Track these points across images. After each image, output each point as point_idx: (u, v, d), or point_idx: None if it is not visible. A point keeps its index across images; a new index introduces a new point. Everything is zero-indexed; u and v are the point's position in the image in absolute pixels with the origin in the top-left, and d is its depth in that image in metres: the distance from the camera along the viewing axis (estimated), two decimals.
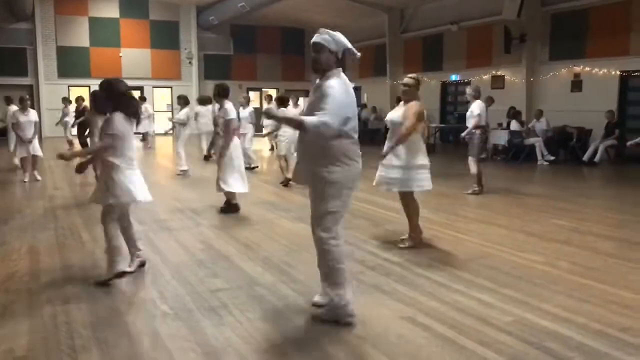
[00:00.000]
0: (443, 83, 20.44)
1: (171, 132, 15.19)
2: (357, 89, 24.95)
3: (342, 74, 3.90)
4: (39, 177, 10.98)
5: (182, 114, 12.47)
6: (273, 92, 22.48)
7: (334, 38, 3.82)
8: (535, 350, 3.45)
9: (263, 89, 26.54)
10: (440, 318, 3.97)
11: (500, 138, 15.26)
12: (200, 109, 14.75)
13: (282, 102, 10.46)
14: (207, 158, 14.46)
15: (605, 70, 14.87)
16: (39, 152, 11.02)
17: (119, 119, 4.62)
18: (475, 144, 9.24)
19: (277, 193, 9.65)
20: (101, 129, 4.71)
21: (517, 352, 3.43)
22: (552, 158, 14.18)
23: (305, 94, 28.11)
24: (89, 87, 22.78)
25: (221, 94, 7.66)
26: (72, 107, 16.82)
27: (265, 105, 15.22)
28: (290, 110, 11.18)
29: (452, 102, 20.89)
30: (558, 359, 3.34)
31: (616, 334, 3.70)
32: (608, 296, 4.43)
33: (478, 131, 9.23)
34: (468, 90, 9.59)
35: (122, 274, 4.74)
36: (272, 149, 16.57)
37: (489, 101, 14.52)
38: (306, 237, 6.41)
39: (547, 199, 9.09)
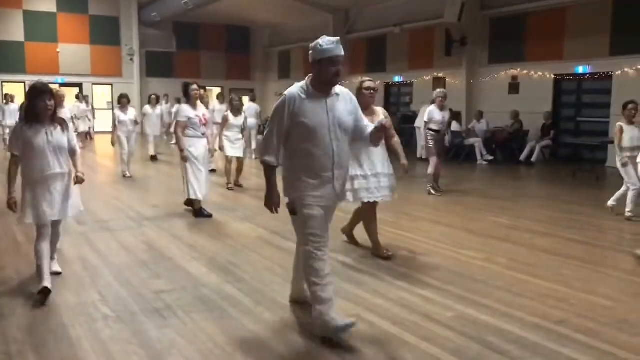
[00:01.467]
0: (387, 84, 20.72)
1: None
2: None
3: None
4: None
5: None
6: (217, 91, 22.18)
7: None
8: (475, 345, 3.56)
9: (207, 87, 26.20)
10: (384, 315, 4.03)
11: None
12: (148, 109, 14.44)
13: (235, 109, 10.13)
14: (154, 159, 14.22)
15: (541, 74, 15.45)
16: None
17: None
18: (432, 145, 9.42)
19: (222, 193, 9.55)
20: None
21: (458, 346, 3.53)
22: (491, 158, 14.62)
23: (250, 92, 27.97)
24: (24, 83, 21.95)
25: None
26: (14, 106, 16.16)
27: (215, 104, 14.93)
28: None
29: (395, 104, 21.22)
30: (497, 352, 3.45)
31: (551, 326, 3.85)
32: (544, 290, 4.62)
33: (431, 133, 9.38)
34: (442, 93, 9.48)
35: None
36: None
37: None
38: (252, 237, 6.42)
39: (487, 197, 9.37)
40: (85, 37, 24.35)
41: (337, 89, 3.66)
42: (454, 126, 15.35)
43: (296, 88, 3.58)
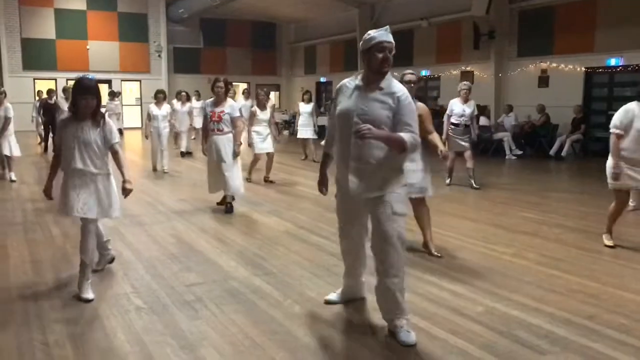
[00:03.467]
0: None
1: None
2: (328, 84, 25.00)
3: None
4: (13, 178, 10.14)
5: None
6: (243, 87, 22.34)
7: None
8: (505, 339, 3.55)
9: (234, 83, 26.37)
10: (413, 309, 4.03)
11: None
12: (177, 106, 14.56)
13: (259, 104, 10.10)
14: (184, 154, 14.38)
15: (571, 67, 15.20)
16: (15, 152, 10.16)
17: None
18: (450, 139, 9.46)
19: (249, 187, 9.62)
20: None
21: (487, 341, 3.53)
22: (520, 152, 14.46)
23: (276, 88, 28.11)
24: (55, 80, 22.42)
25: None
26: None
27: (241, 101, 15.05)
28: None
29: (422, 98, 21.04)
30: (527, 347, 3.44)
31: (582, 321, 3.82)
32: (574, 286, 4.57)
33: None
34: (466, 85, 9.44)
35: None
36: None
37: None
38: (279, 231, 6.47)
39: (516, 192, 9.28)
40: (114, 34, 24.68)
41: (385, 83, 3.53)
42: (482, 121, 15.23)
43: (349, 78, 3.69)
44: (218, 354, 3.36)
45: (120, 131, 19.84)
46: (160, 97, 11.73)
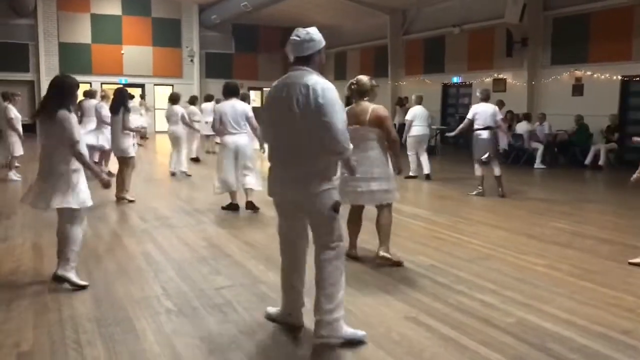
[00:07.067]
0: (444, 85, 20.45)
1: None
2: None
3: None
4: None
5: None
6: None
7: None
8: (537, 352, 3.48)
9: (264, 89, 26.56)
10: (443, 319, 3.99)
11: (501, 141, 15.31)
12: (193, 109, 14.70)
13: None
14: (196, 160, 14.45)
15: (607, 75, 14.89)
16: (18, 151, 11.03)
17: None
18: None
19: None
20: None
21: (519, 352, 3.46)
22: (543, 167, 14.12)
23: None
24: (90, 84, 22.86)
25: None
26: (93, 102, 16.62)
27: None
28: None
29: (453, 105, 20.90)
30: None
31: (617, 336, 3.73)
32: (609, 299, 4.46)
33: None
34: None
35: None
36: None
37: (500, 105, 14.68)
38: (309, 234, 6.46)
39: (548, 202, 9.11)
40: (148, 39, 25.10)
41: None
42: (524, 127, 14.78)
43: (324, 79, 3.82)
44: (247, 357, 3.37)
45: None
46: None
